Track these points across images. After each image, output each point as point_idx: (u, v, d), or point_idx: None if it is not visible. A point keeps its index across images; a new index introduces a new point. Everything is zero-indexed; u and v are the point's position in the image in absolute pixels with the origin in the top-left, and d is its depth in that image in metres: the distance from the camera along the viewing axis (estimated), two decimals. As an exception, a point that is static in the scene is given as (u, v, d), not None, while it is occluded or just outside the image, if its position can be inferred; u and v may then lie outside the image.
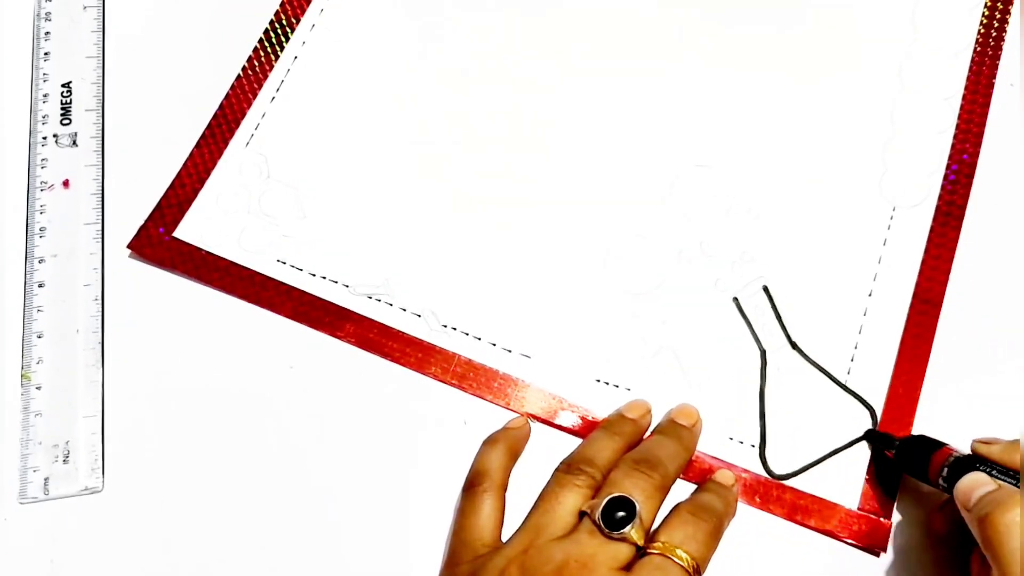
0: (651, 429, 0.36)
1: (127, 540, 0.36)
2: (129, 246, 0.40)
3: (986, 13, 0.42)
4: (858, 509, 0.35)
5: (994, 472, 0.31)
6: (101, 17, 0.45)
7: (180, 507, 0.37)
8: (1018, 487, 0.30)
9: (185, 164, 0.41)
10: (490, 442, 0.36)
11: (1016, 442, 0.32)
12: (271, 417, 0.38)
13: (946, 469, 0.33)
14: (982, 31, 0.42)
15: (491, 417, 0.37)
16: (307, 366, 0.39)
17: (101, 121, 0.43)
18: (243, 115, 0.42)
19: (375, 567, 0.36)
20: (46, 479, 0.37)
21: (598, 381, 0.37)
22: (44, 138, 0.43)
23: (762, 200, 0.40)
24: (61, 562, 0.36)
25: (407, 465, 0.37)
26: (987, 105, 0.40)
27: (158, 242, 0.40)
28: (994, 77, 0.41)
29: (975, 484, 0.30)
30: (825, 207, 0.40)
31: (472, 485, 0.34)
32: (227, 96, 0.42)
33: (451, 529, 0.34)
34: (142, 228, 0.40)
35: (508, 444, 0.36)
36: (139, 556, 0.36)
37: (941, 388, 0.37)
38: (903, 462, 0.35)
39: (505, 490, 0.34)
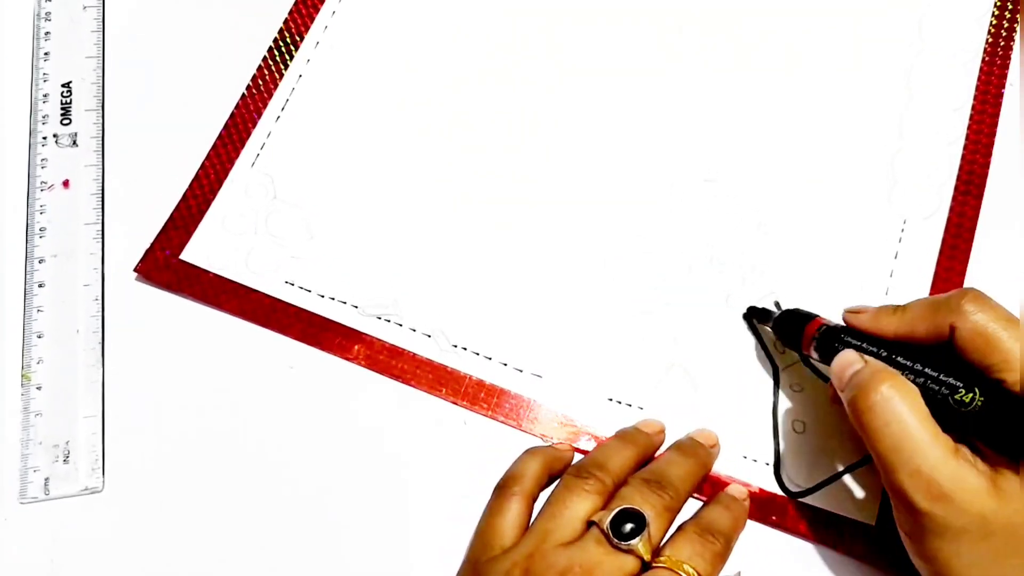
0: (667, 446, 0.36)
1: (127, 540, 0.38)
2: (136, 270, 0.43)
3: (994, 23, 0.42)
4: (876, 525, 0.36)
5: (864, 345, 0.33)
6: (101, 17, 0.48)
7: (180, 507, 0.39)
8: (885, 358, 0.32)
9: (191, 185, 0.42)
10: (531, 452, 0.38)
11: (883, 308, 0.34)
12: (271, 417, 0.40)
13: (815, 340, 0.35)
14: (990, 40, 0.43)
15: (486, 420, 0.40)
16: (307, 366, 0.41)
17: (101, 121, 0.46)
18: (248, 135, 0.43)
19: (374, 567, 0.38)
20: (46, 479, 0.39)
21: (610, 400, 0.38)
22: (44, 138, 0.45)
23: (771, 214, 0.43)
24: (61, 562, 0.38)
25: (407, 465, 0.39)
26: (996, 115, 0.42)
27: (165, 265, 0.41)
28: (1003, 87, 0.43)
29: (845, 364, 0.32)
30: (836, 221, 0.42)
31: (503, 487, 0.36)
32: (232, 115, 0.43)
33: (476, 527, 0.36)
34: (148, 251, 0.42)
35: (547, 459, 0.37)
36: (139, 556, 0.38)
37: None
38: (782, 335, 0.38)
39: (534, 499, 0.36)
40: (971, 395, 0.30)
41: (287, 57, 0.46)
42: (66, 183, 0.44)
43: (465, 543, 0.36)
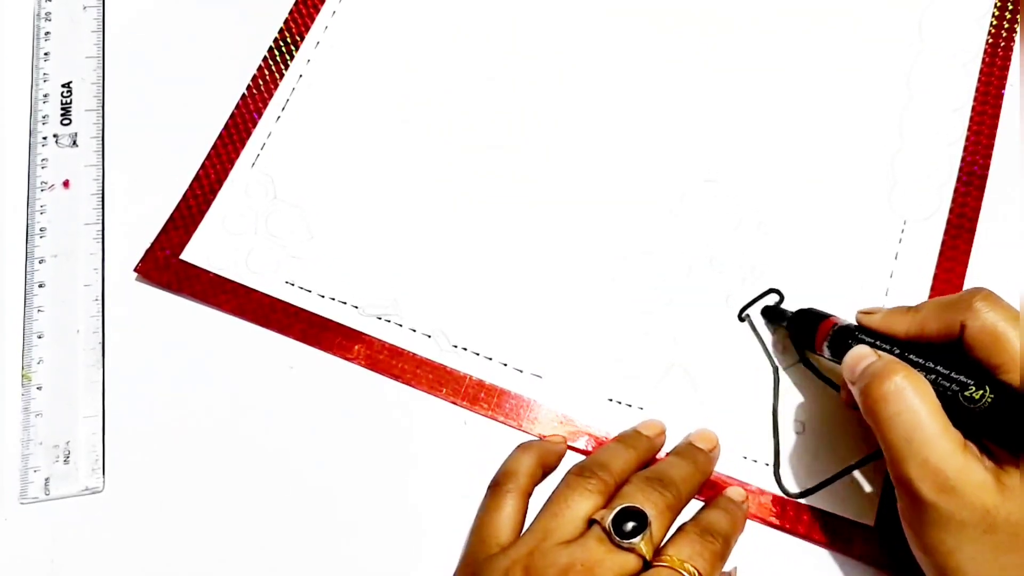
0: (668, 451, 0.36)
1: (127, 540, 0.39)
2: (136, 270, 0.43)
3: (994, 23, 0.42)
4: (875, 526, 0.36)
5: (877, 343, 0.34)
6: (101, 17, 0.48)
7: (180, 507, 0.39)
8: (897, 356, 0.33)
9: (191, 185, 0.43)
10: (524, 447, 0.38)
11: (896, 308, 0.35)
12: (271, 417, 0.40)
13: (829, 338, 0.36)
14: (990, 41, 0.43)
15: (486, 420, 0.40)
16: (307, 366, 0.41)
17: (101, 121, 0.46)
18: (248, 135, 0.43)
19: (374, 566, 0.38)
20: (47, 479, 0.39)
21: (610, 400, 0.38)
22: (44, 138, 0.45)
23: (772, 215, 0.43)
24: (61, 562, 0.38)
25: (407, 465, 0.39)
26: (996, 116, 0.42)
27: (165, 265, 0.41)
28: (1003, 87, 0.43)
29: (859, 357, 0.33)
30: (836, 222, 0.42)
31: (498, 484, 0.36)
32: (232, 116, 0.43)
33: (472, 525, 0.36)
34: (148, 251, 0.42)
35: (541, 453, 0.38)
36: (139, 556, 0.38)
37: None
38: (795, 335, 0.38)
39: (529, 495, 0.36)
40: (981, 392, 0.31)
41: (287, 57, 0.46)
42: (66, 183, 0.44)
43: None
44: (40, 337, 0.41)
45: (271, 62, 0.46)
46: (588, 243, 0.42)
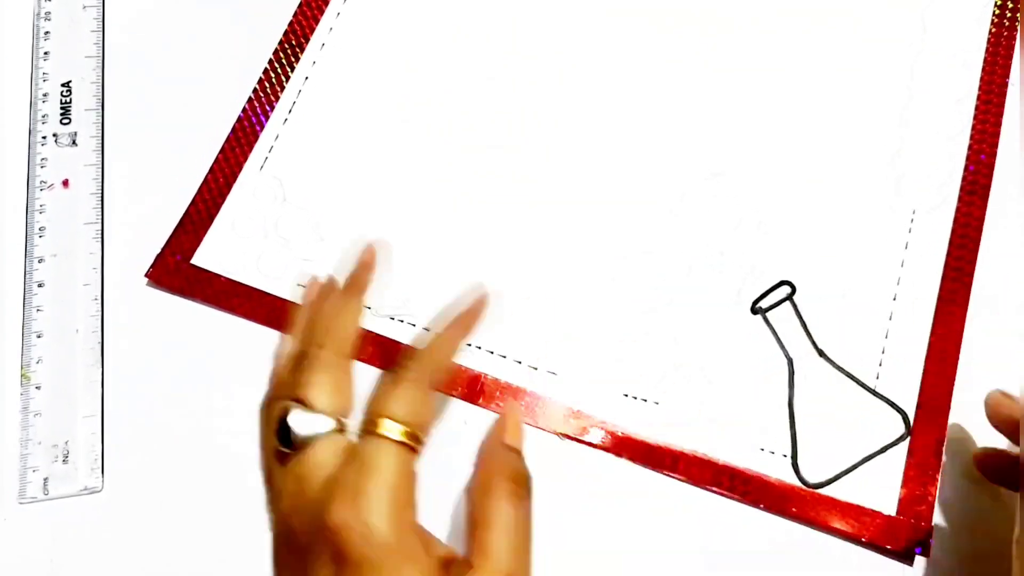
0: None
1: (127, 540, 0.38)
2: (147, 275, 0.43)
3: (996, 12, 0.43)
4: (896, 515, 0.36)
5: None
6: (101, 17, 0.48)
7: (179, 507, 0.39)
8: None
9: (199, 188, 0.43)
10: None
11: None
12: None
13: None
14: (993, 31, 0.43)
15: (491, 417, 0.38)
16: None
17: (101, 121, 0.46)
18: (256, 138, 0.44)
19: None
20: (45, 479, 0.39)
21: (626, 395, 0.38)
22: (44, 137, 0.45)
23: (784, 208, 0.42)
24: (61, 562, 0.38)
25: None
26: (1001, 106, 0.43)
27: (176, 270, 0.41)
28: (1007, 77, 0.43)
29: None
30: (846, 213, 0.42)
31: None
32: (239, 119, 0.44)
33: None
34: (159, 256, 0.42)
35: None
36: (139, 556, 0.38)
37: (971, 389, 0.38)
38: None
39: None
40: None
41: (293, 60, 0.46)
42: (66, 183, 0.44)
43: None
44: (39, 336, 0.41)
45: (276, 64, 0.46)
46: (600, 240, 0.42)
